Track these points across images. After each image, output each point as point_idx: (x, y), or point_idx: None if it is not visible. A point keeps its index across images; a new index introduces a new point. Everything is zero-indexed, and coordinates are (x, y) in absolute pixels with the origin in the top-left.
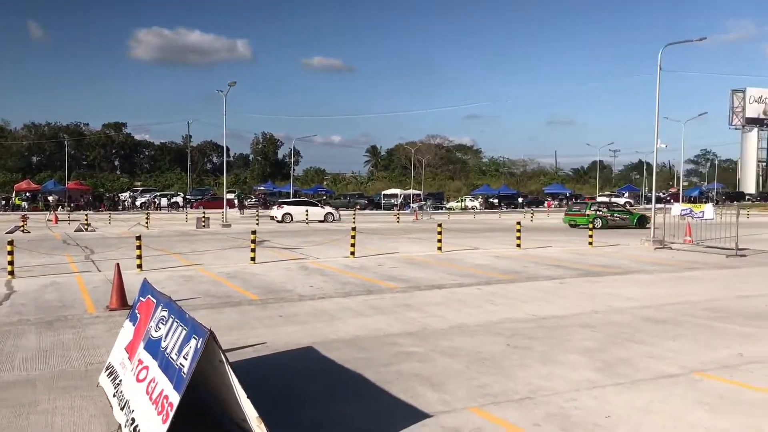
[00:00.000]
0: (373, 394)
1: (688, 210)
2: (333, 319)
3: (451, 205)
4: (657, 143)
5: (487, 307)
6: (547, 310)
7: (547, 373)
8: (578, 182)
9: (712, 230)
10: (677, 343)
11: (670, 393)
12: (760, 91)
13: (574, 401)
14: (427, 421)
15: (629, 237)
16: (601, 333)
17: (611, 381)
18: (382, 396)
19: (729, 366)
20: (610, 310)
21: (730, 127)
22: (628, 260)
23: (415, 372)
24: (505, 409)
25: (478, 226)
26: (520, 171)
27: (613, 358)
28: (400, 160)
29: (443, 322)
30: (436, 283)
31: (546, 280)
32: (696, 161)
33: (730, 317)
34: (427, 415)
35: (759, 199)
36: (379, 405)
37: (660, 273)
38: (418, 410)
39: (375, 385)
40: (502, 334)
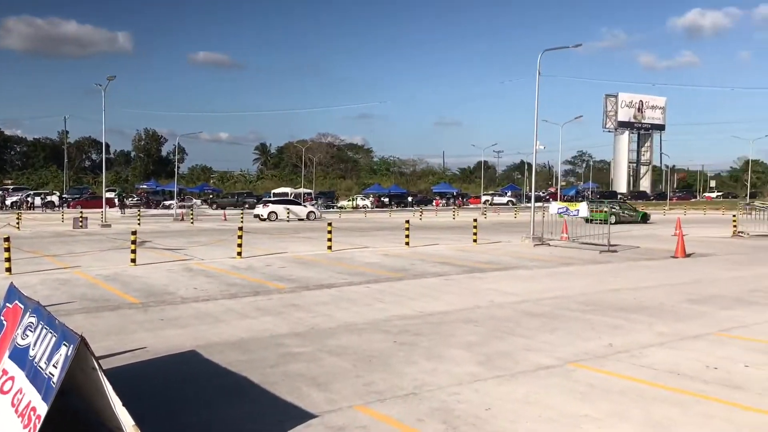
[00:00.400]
0: (258, 396)
1: (565, 208)
2: (217, 322)
3: (342, 204)
4: (536, 145)
5: (376, 305)
6: (433, 306)
7: (432, 368)
8: (465, 182)
9: (587, 227)
10: (554, 336)
11: (547, 384)
12: (630, 96)
13: (457, 395)
14: (312, 421)
15: (511, 234)
16: (483, 327)
17: (492, 374)
18: (268, 398)
19: (600, 356)
20: (492, 305)
21: (604, 129)
22: (509, 257)
23: (302, 372)
24: (390, 406)
25: (369, 225)
26: (410, 170)
27: (494, 352)
28: (290, 159)
29: (331, 321)
30: (326, 283)
31: (433, 277)
32: (573, 162)
33: (601, 310)
34: (313, 415)
35: (630, 198)
36: (264, 407)
37: (538, 269)
38: (303, 411)
39: (260, 387)
40: (390, 331)
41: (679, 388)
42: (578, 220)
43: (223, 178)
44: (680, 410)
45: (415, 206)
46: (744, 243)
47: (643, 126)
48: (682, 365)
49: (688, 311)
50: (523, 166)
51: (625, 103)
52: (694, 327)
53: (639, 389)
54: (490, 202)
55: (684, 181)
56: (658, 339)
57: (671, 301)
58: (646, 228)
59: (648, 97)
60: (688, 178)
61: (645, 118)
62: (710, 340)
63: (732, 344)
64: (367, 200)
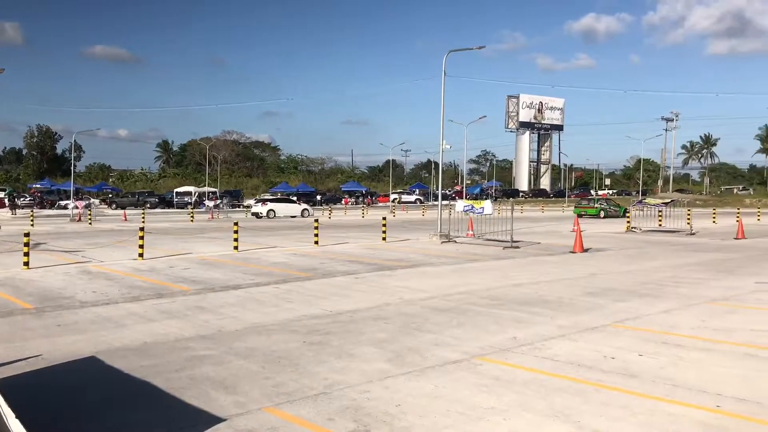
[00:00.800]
0: (163, 402)
1: (470, 206)
2: (119, 326)
3: (249, 203)
4: (443, 144)
5: (284, 306)
6: (343, 305)
7: (342, 367)
8: (373, 180)
9: (491, 224)
10: (460, 330)
11: (455, 378)
12: (531, 98)
13: (367, 393)
14: (220, 425)
15: (419, 232)
16: (392, 325)
17: (402, 370)
18: (173, 403)
19: (505, 349)
20: (402, 302)
21: (506, 130)
22: (418, 254)
23: (209, 376)
24: (300, 407)
25: (277, 224)
26: (318, 169)
27: (403, 348)
28: (194, 156)
29: (239, 323)
30: (232, 284)
31: (342, 276)
32: (477, 161)
33: (506, 304)
34: (221, 419)
35: (531, 196)
36: (169, 412)
37: (446, 265)
38: (211, 415)
39: (165, 392)
40: (299, 331)
41: (579, 377)
42: (483, 217)
43: (123, 176)
44: (581, 399)
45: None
46: (636, 238)
47: (543, 126)
48: (582, 356)
49: (585, 304)
50: (430, 165)
51: (526, 104)
52: (591, 319)
53: (542, 380)
54: (398, 200)
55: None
56: (559, 331)
57: (570, 295)
58: (547, 225)
59: (547, 99)
60: (585, 176)
61: (545, 118)
62: (607, 331)
63: (627, 335)
64: None
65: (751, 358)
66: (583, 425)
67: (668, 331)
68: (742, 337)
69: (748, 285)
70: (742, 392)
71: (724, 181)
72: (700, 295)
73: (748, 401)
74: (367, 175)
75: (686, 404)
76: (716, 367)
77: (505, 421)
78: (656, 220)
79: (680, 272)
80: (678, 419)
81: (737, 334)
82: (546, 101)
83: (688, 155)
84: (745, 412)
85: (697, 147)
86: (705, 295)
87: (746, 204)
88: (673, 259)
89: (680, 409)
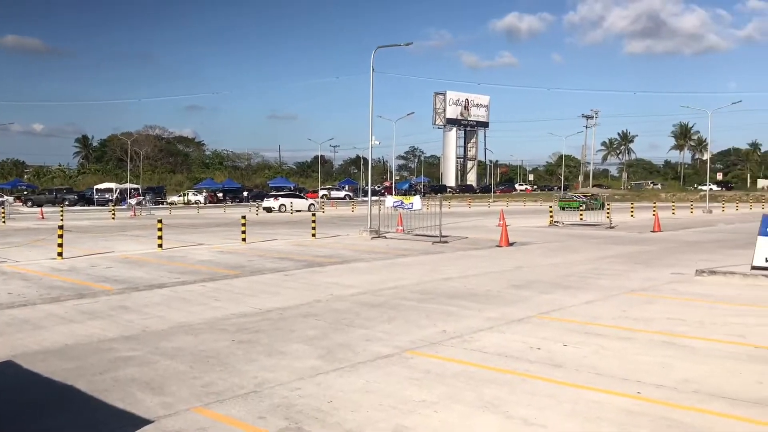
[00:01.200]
0: (86, 405)
1: (400, 202)
2: (37, 328)
3: (172, 200)
4: (372, 140)
5: (212, 304)
6: (273, 302)
7: (273, 364)
8: (302, 176)
9: (420, 219)
10: (391, 325)
11: (386, 372)
12: (457, 95)
13: (299, 390)
14: (147, 427)
15: (349, 228)
16: (323, 321)
17: (333, 366)
18: (97, 406)
19: (435, 343)
20: (332, 298)
21: (434, 126)
22: (348, 250)
23: (135, 377)
24: (230, 406)
25: (203, 221)
26: (245, 164)
27: (334, 344)
28: (114, 152)
29: (164, 322)
30: (157, 282)
31: (271, 273)
32: (406, 157)
33: (436, 298)
34: (148, 420)
35: (458, 191)
36: (93, 416)
37: (376, 260)
38: (137, 417)
39: (89, 396)
40: (228, 330)
41: (507, 368)
42: (412, 213)
43: (40, 173)
44: (509, 389)
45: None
46: (559, 232)
47: (470, 123)
48: (509, 347)
49: (512, 296)
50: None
51: (452, 101)
52: (518, 311)
53: (471, 372)
54: (327, 196)
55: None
56: (487, 323)
57: (497, 287)
58: (474, 219)
59: (473, 96)
60: (510, 172)
61: (471, 115)
62: (533, 322)
63: (552, 326)
64: (200, 195)
65: (669, 346)
66: (511, 415)
67: (591, 321)
68: (659, 326)
69: (664, 276)
70: (660, 379)
71: (641, 176)
72: (620, 286)
73: (665, 387)
74: (296, 170)
75: (609, 392)
76: (636, 355)
77: (436, 414)
78: (578, 214)
79: (601, 264)
80: (601, 406)
81: (655, 323)
82: (472, 98)
83: (607, 151)
84: (663, 397)
85: (616, 143)
86: (624, 286)
87: (662, 198)
88: (594, 252)
89: (603, 397)
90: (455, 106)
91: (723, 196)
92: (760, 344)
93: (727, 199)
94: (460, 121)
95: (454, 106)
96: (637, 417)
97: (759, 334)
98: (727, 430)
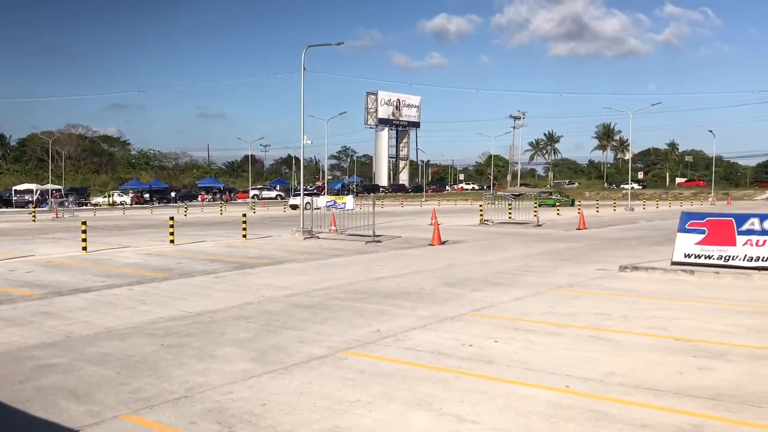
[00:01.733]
0: (6, 417)
1: (333, 202)
2: None
3: (97, 201)
4: (303, 139)
5: (140, 308)
6: (203, 305)
7: (204, 368)
8: (232, 176)
9: (353, 219)
10: (325, 326)
11: (320, 373)
12: (389, 95)
13: (231, 393)
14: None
15: (281, 228)
16: (255, 323)
17: (266, 369)
18: (18, 417)
19: (369, 342)
20: (264, 300)
21: (366, 126)
22: (280, 251)
23: (58, 385)
24: (160, 412)
25: (129, 223)
26: (173, 164)
27: (267, 347)
28: (34, 152)
29: (90, 327)
30: (82, 287)
31: (201, 275)
32: (338, 157)
33: (369, 297)
34: (73, 430)
35: (391, 191)
36: (14, 428)
37: (309, 261)
38: (61, 427)
39: (8, 406)
40: (156, 334)
41: (440, 366)
42: (345, 213)
43: None
44: (442, 387)
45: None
46: (489, 230)
47: (401, 123)
48: (442, 345)
49: (445, 294)
50: (290, 160)
51: (384, 101)
52: (450, 309)
53: (404, 370)
54: (258, 196)
55: (437, 174)
56: (420, 322)
57: (430, 286)
58: (406, 219)
59: (405, 96)
60: (441, 171)
61: (402, 115)
62: (465, 320)
63: (483, 322)
64: (126, 196)
65: (595, 340)
66: (444, 412)
67: (520, 317)
68: (586, 321)
69: (589, 272)
70: (587, 372)
71: (567, 176)
72: (547, 283)
73: (592, 380)
74: (225, 170)
75: (539, 386)
76: (564, 350)
77: (371, 413)
78: (507, 213)
79: (530, 261)
80: (532, 401)
81: (582, 318)
82: (404, 98)
83: (534, 151)
84: (591, 390)
85: (542, 144)
86: (552, 282)
87: (586, 197)
88: (523, 250)
89: (533, 391)
90: (387, 106)
91: (644, 194)
92: (680, 336)
93: (647, 197)
94: (391, 121)
95: (386, 106)
96: (566, 410)
97: (679, 327)
98: (651, 420)
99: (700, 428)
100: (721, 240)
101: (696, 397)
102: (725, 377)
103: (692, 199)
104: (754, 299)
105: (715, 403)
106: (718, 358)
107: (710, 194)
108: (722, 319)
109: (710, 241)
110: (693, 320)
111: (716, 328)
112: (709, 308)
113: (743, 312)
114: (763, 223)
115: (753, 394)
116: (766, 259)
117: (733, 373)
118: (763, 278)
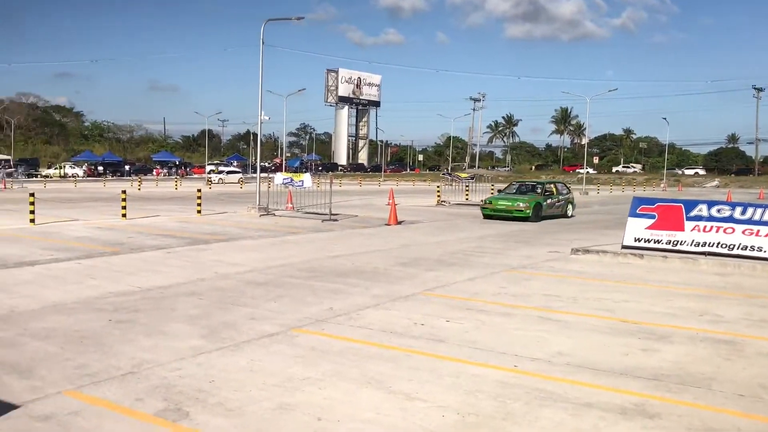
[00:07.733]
0: None
1: (290, 179)
2: None
3: (47, 173)
4: (261, 115)
5: (88, 282)
6: (153, 280)
7: (152, 345)
8: (188, 150)
9: (311, 197)
10: (278, 303)
11: (271, 351)
12: (350, 73)
13: (179, 370)
14: (13, 412)
15: (237, 205)
16: (206, 300)
17: (216, 346)
18: None
19: (321, 320)
20: (216, 277)
21: (326, 104)
22: (235, 227)
23: (0, 360)
24: (105, 388)
25: (80, 196)
26: (127, 137)
27: (218, 323)
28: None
29: (35, 302)
30: (28, 260)
31: (152, 250)
32: (297, 134)
33: (323, 276)
34: (14, 405)
35: (350, 170)
36: None
37: (264, 238)
38: (2, 402)
39: None
40: (104, 309)
41: (392, 345)
42: (302, 191)
43: None
44: (392, 365)
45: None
46: (446, 211)
47: (361, 102)
48: (394, 324)
49: (399, 274)
50: (248, 136)
51: (344, 79)
52: (404, 288)
53: (356, 349)
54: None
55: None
56: (374, 301)
57: (385, 265)
58: (364, 198)
59: (365, 74)
60: (400, 152)
61: (363, 94)
62: (418, 299)
63: (435, 302)
64: (78, 168)
65: (545, 321)
66: (394, 390)
67: (473, 297)
68: (536, 302)
69: (541, 254)
70: (536, 352)
71: (524, 159)
72: (500, 264)
73: (540, 360)
74: (181, 145)
75: (488, 365)
76: (514, 330)
77: (321, 391)
78: (464, 194)
79: (484, 243)
80: (481, 380)
81: (533, 299)
82: (364, 77)
83: (493, 134)
84: (538, 370)
85: (501, 126)
86: (505, 263)
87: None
88: (477, 231)
89: (482, 371)
90: (347, 84)
91: (599, 179)
92: (626, 318)
93: (602, 181)
94: (352, 99)
95: (347, 84)
96: (513, 389)
97: (626, 309)
98: (595, 399)
99: (642, 407)
100: (670, 225)
101: (639, 377)
102: (668, 358)
103: (645, 185)
104: (699, 283)
105: (657, 383)
106: (662, 340)
107: (662, 180)
108: (668, 302)
109: (660, 226)
110: (640, 303)
111: (661, 310)
112: (656, 291)
113: (688, 295)
114: (711, 209)
115: (693, 375)
116: (713, 244)
117: (676, 354)
118: (709, 263)
